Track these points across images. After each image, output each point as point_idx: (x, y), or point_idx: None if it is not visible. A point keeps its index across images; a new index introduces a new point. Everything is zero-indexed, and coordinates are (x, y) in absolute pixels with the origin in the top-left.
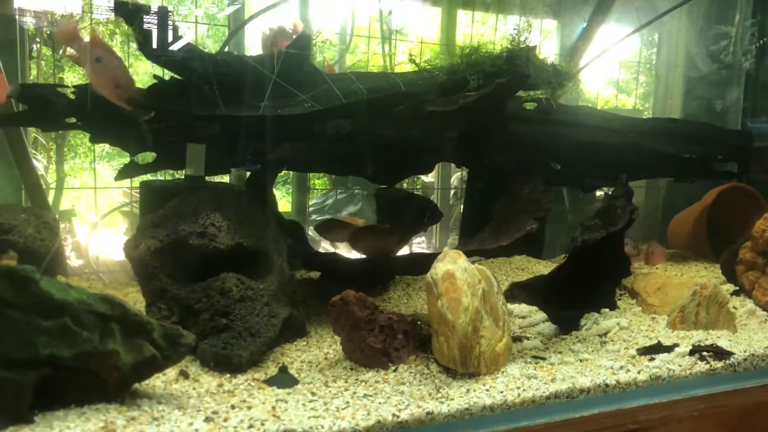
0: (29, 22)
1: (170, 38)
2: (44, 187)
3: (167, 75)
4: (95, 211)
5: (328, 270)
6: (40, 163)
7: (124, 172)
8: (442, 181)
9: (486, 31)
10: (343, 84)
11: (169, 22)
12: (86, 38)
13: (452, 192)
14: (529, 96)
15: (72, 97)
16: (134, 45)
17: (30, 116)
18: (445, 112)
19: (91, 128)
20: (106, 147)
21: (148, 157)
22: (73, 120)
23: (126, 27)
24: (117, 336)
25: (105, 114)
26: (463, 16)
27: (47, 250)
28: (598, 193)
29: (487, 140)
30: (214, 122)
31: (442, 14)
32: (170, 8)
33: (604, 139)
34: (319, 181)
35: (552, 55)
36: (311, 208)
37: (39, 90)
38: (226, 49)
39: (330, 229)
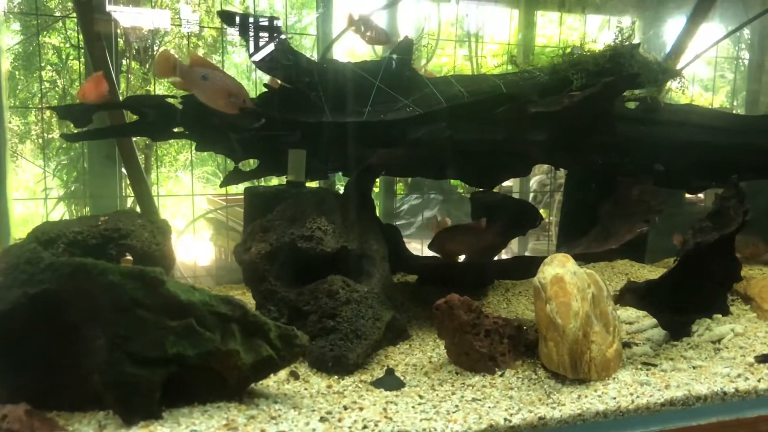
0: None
1: (278, 47)
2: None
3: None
4: (192, 211)
5: (426, 274)
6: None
7: (230, 179)
8: (521, 185)
9: (565, 32)
10: (444, 87)
11: (278, 33)
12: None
13: (531, 196)
14: (633, 95)
15: (180, 107)
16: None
17: (141, 126)
18: (549, 113)
19: (198, 137)
20: (190, 157)
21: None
22: (180, 129)
23: (208, 39)
24: (237, 336)
25: (211, 123)
26: (539, 16)
27: (162, 254)
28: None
29: (591, 142)
30: (319, 128)
31: (519, 15)
32: (279, 19)
33: (713, 138)
34: None
35: None
36: None
37: (149, 101)
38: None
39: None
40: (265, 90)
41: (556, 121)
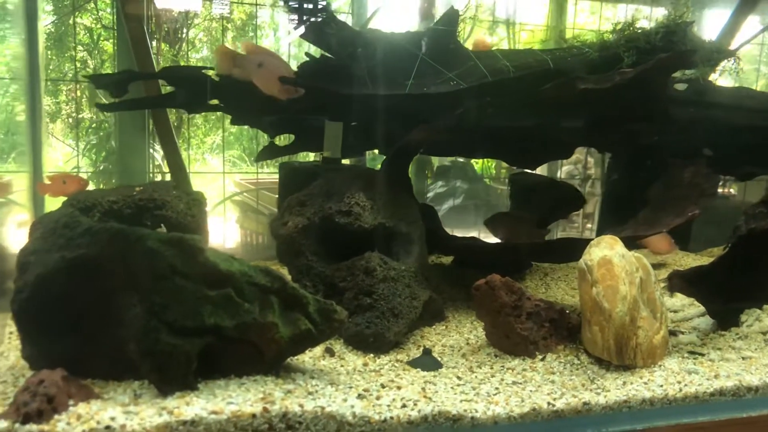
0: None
1: (322, 16)
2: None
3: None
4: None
5: (463, 255)
6: (156, 152)
7: (264, 154)
8: (549, 175)
9: (597, 21)
10: (489, 61)
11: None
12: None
13: None
14: (684, 75)
15: (216, 79)
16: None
17: (176, 98)
18: (599, 90)
19: (233, 110)
20: (217, 139)
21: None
22: (215, 102)
23: (237, 22)
24: (275, 309)
25: (246, 97)
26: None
27: (197, 226)
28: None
29: (642, 123)
30: (358, 101)
31: (550, 3)
32: None
33: None
34: None
35: None
36: None
37: (185, 72)
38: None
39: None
40: (306, 60)
41: (605, 99)
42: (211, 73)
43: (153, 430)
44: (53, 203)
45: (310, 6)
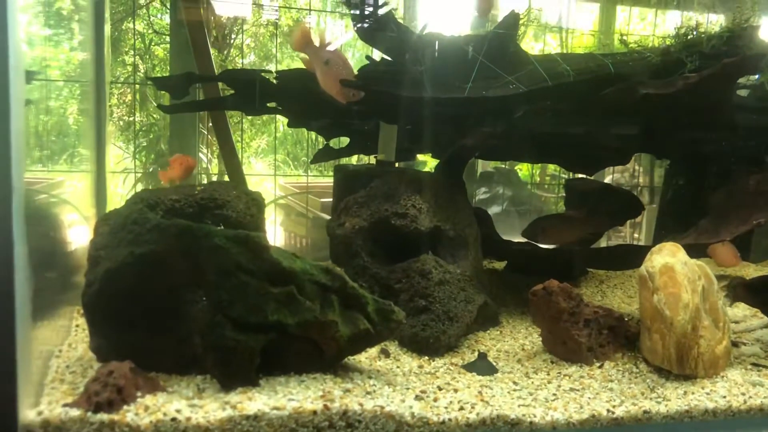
0: None
1: (382, 18)
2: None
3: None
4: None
5: (517, 260)
6: (204, 156)
7: (320, 156)
8: None
9: (647, 28)
10: (549, 65)
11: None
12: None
13: None
14: (748, 81)
15: (274, 82)
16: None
17: (235, 100)
18: (662, 95)
19: (290, 113)
20: (262, 143)
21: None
22: (273, 105)
23: (284, 28)
24: (336, 307)
25: (305, 100)
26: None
27: (256, 226)
28: None
29: (704, 129)
30: (416, 104)
31: (600, 10)
32: None
33: None
34: None
35: None
36: None
37: (244, 75)
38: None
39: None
40: (367, 63)
41: (668, 104)
42: (270, 76)
43: (217, 424)
44: (114, 201)
45: (370, 8)
